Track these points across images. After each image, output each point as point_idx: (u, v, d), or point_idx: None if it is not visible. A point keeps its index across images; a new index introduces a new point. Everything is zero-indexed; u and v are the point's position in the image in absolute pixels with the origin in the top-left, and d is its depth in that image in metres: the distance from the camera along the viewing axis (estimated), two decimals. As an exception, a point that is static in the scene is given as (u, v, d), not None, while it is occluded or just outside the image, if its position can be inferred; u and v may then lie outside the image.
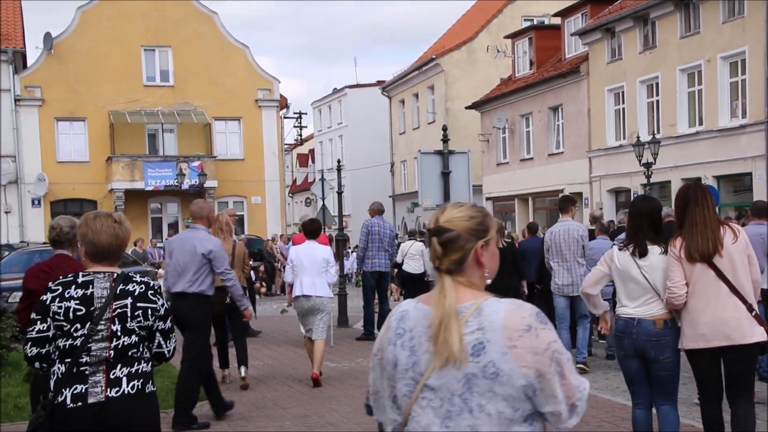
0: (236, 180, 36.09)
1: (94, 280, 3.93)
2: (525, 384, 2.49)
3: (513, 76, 36.31)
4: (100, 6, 35.24)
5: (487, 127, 36.60)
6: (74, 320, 3.82)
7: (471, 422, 2.51)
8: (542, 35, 34.68)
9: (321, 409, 8.35)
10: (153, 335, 4.04)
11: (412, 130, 44.81)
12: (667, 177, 25.11)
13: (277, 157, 37.76)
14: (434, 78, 41.62)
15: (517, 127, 34.75)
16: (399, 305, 2.77)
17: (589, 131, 29.91)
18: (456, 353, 2.48)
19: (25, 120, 33.99)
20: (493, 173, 36.58)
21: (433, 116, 41.39)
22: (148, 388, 3.94)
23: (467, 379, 2.51)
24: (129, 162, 34.51)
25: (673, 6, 25.32)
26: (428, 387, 2.55)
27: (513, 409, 2.52)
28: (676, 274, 5.58)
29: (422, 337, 2.58)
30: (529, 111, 33.93)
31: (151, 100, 35.45)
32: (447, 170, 11.27)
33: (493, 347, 2.49)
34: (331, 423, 7.68)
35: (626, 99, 28.05)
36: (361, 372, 10.55)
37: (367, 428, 7.44)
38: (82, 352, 3.81)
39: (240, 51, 36.94)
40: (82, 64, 34.51)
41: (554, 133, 32.66)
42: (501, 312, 2.53)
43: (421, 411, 2.57)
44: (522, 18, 39.42)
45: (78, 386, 3.79)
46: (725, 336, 5.53)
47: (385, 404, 2.71)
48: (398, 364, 2.61)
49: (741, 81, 23.52)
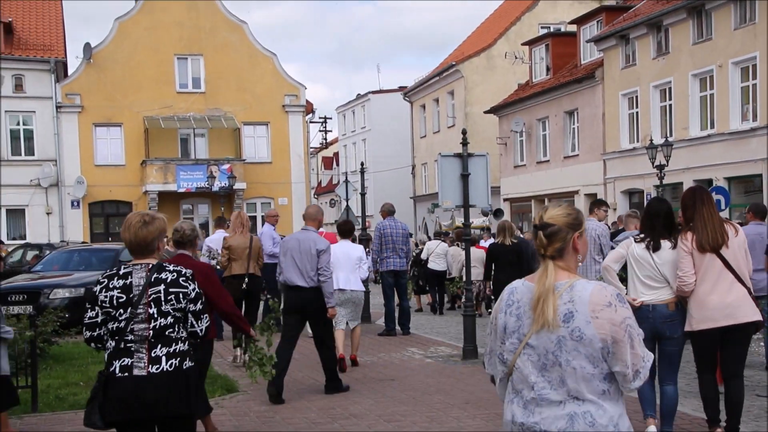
0: (264, 182, 36.28)
1: (132, 271, 4.36)
2: (602, 347, 3.07)
3: (530, 81, 36.27)
4: (136, 17, 35.62)
5: (505, 131, 36.58)
6: (117, 306, 4.28)
7: (560, 373, 3.11)
8: (558, 42, 34.62)
9: (344, 401, 8.40)
10: (187, 316, 4.42)
11: (433, 133, 44.85)
12: (680, 179, 25.00)
13: (303, 160, 37.92)
14: (454, 83, 41.63)
15: (533, 130, 34.70)
16: (511, 283, 3.41)
17: (604, 134, 29.83)
18: (549, 321, 3.09)
19: (65, 126, 34.39)
20: (510, 175, 36.55)
21: (453, 120, 41.40)
22: (185, 365, 4.34)
23: (558, 340, 3.11)
24: (162, 165, 34.77)
25: (685, 13, 25.24)
26: (529, 345, 3.17)
27: (593, 366, 3.10)
28: (686, 265, 6.18)
29: (526, 307, 3.20)
30: (545, 115, 33.88)
31: (183, 106, 35.72)
32: (466, 172, 11.25)
33: (580, 316, 3.08)
34: (354, 414, 7.73)
35: (640, 103, 27.96)
36: (383, 366, 10.64)
37: (389, 419, 7.52)
38: (127, 332, 4.27)
39: (268, 58, 37.12)
40: (119, 73, 34.88)
41: (570, 136, 32.60)
42: (588, 290, 3.13)
43: (522, 364, 3.20)
44: (539, 25, 39.32)
45: (125, 359, 4.26)
46: (731, 316, 6.14)
47: (495, 360, 3.37)
48: (507, 328, 3.26)
49: (752, 85, 23.38)
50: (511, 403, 3.27)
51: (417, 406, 8.01)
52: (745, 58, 23.34)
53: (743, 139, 23.40)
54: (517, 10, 41.62)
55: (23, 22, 35.18)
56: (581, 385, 3.10)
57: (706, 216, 6.23)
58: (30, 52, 33.97)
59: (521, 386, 3.21)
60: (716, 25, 24.34)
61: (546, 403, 3.14)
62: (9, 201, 33.01)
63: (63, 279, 15.87)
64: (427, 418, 7.49)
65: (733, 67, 23.78)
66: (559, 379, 3.11)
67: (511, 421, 3.25)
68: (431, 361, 11.01)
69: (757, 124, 22.97)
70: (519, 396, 3.22)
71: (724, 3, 23.79)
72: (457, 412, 7.67)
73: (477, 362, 10.70)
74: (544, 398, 3.13)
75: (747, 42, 23.18)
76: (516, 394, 3.24)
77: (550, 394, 3.12)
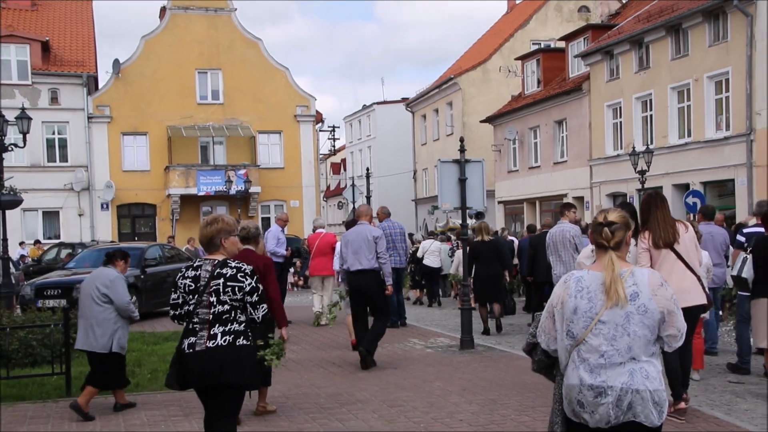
0: (277, 186, 36.31)
1: (203, 265, 4.81)
2: (659, 317, 3.65)
3: (522, 93, 36.28)
4: (160, 35, 35.70)
5: (499, 139, 36.61)
6: (188, 293, 4.75)
7: (628, 342, 3.62)
8: (548, 57, 34.61)
9: (352, 388, 8.42)
10: (245, 306, 4.78)
11: (433, 141, 44.89)
12: (659, 183, 24.98)
13: (313, 166, 37.93)
14: (452, 95, 41.67)
15: (525, 138, 34.73)
16: (572, 273, 3.86)
17: (590, 142, 29.85)
18: (622, 299, 3.62)
19: (95, 135, 34.47)
20: (504, 179, 36.57)
21: (452, 129, 41.43)
22: (239, 342, 4.70)
23: (626, 315, 3.63)
24: (184, 171, 34.80)
25: (664, 31, 25.27)
26: (601, 321, 3.65)
27: (651, 333, 3.66)
28: (644, 260, 6.66)
29: (596, 291, 3.68)
30: (536, 124, 33.90)
31: (203, 116, 35.79)
32: (464, 177, 11.25)
33: (644, 295, 3.64)
34: (360, 400, 7.76)
35: (623, 113, 27.96)
36: (387, 355, 10.65)
37: (392, 405, 7.54)
38: (194, 315, 4.73)
39: (281, 72, 37.16)
40: (145, 86, 34.97)
41: (559, 143, 32.61)
42: (645, 275, 3.72)
43: (593, 337, 3.65)
44: (530, 42, 39.33)
45: (192, 338, 4.72)
46: (684, 300, 6.25)
47: (559, 336, 3.80)
48: (578, 309, 3.69)
49: (725, 98, 23.39)
50: (577, 369, 3.68)
51: (418, 393, 8.03)
52: (719, 73, 23.35)
53: (717, 146, 23.41)
54: (511, 27, 41.68)
55: (58, 41, 35.27)
56: (641, 349, 3.65)
57: (660, 218, 6.70)
58: (64, 67, 34.04)
59: (589, 355, 3.67)
60: (692, 42, 24.36)
61: (611, 366, 3.62)
62: (45, 204, 33.14)
63: (94, 275, 15.97)
64: (428, 403, 7.51)
65: (707, 80, 23.79)
66: (626, 346, 3.63)
67: (580, 383, 3.67)
68: (431, 351, 11.03)
69: (730, 133, 23.00)
70: (586, 363, 3.67)
71: (699, 22, 23.82)
72: (456, 398, 7.70)
73: (474, 352, 10.76)
74: (612, 362, 3.62)
75: (720, 58, 23.19)
76: (583, 361, 3.68)
77: (616, 358, 3.62)
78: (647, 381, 3.59)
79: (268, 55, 37.10)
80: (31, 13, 36.79)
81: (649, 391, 3.59)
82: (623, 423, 3.61)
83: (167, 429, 6.73)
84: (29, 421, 7.18)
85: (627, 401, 3.58)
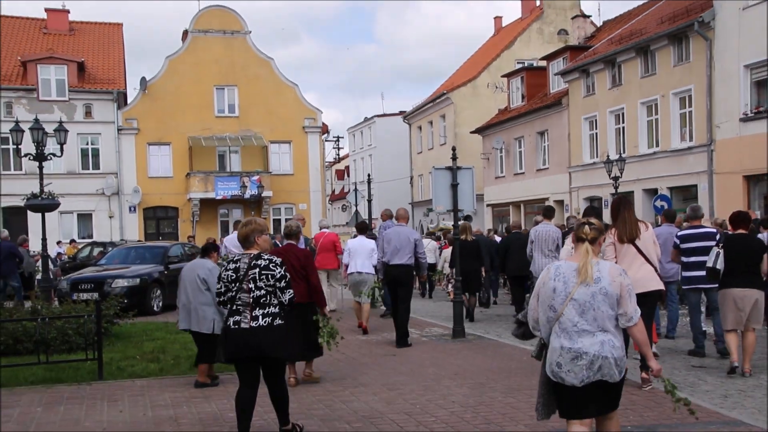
0: (287, 190, 36.30)
1: (241, 259, 5.44)
2: (616, 298, 4.26)
3: (508, 107, 36.32)
4: (183, 55, 35.76)
5: (487, 148, 36.62)
6: (231, 282, 5.38)
7: (594, 314, 4.24)
8: (531, 75, 34.65)
9: (354, 372, 8.42)
10: (276, 291, 5.37)
11: (428, 150, 44.89)
12: (631, 188, 25.01)
13: (320, 172, 37.93)
14: (445, 109, 41.68)
15: (511, 147, 34.74)
16: (553, 263, 4.52)
17: (569, 151, 29.88)
18: (589, 277, 4.25)
19: (124, 145, 34.50)
20: (492, 184, 36.58)
21: (445, 139, 41.43)
22: (275, 322, 5.36)
23: (592, 294, 4.25)
24: (203, 177, 34.82)
25: (635, 53, 25.32)
26: (573, 299, 4.27)
27: (611, 310, 4.27)
28: (609, 253, 7.06)
29: (570, 276, 4.31)
30: (521, 135, 33.91)
31: (220, 127, 35.77)
32: (455, 182, 11.24)
33: (605, 280, 4.26)
34: (363, 383, 7.77)
35: (598, 125, 28.00)
36: (386, 344, 10.69)
37: (391, 388, 7.56)
38: (237, 299, 5.35)
39: (290, 88, 37.17)
40: (169, 101, 34.98)
41: (541, 152, 32.63)
42: (608, 265, 4.38)
43: (568, 311, 4.28)
44: (515, 61, 39.34)
45: (236, 317, 5.35)
46: (643, 287, 6.84)
47: (543, 310, 4.40)
48: (556, 290, 4.32)
49: (688, 112, 23.43)
50: (559, 337, 4.30)
51: (414, 377, 8.05)
52: (683, 90, 23.39)
53: (682, 156, 23.44)
54: (498, 48, 41.71)
55: (92, 61, 35.31)
56: (606, 322, 4.25)
57: (626, 218, 7.16)
58: (97, 85, 34.10)
59: (567, 324, 4.28)
60: (659, 62, 24.40)
61: (584, 334, 4.23)
62: (79, 207, 33.18)
63: (122, 271, 15.95)
64: (423, 386, 7.53)
65: (673, 97, 23.83)
66: (593, 318, 4.24)
67: (560, 348, 4.26)
68: (426, 340, 11.03)
69: (693, 144, 23.04)
70: (564, 332, 4.28)
71: (665, 45, 23.87)
72: (448, 382, 7.71)
73: (465, 340, 10.77)
74: (584, 330, 4.23)
75: (684, 77, 23.24)
76: (562, 330, 4.29)
77: (586, 327, 4.24)
78: (613, 350, 4.21)
79: (279, 73, 37.13)
80: (69, 36, 36.90)
81: (614, 358, 4.20)
82: (593, 381, 4.18)
83: (189, 410, 6.75)
84: (65, 401, 7.21)
85: (597, 365, 4.17)
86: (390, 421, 6.14)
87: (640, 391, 6.97)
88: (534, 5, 41.65)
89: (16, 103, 32.46)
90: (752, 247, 8.15)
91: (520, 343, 10.34)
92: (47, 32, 36.60)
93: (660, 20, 25.37)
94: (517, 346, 10.03)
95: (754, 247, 8.17)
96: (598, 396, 4.23)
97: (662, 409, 6.26)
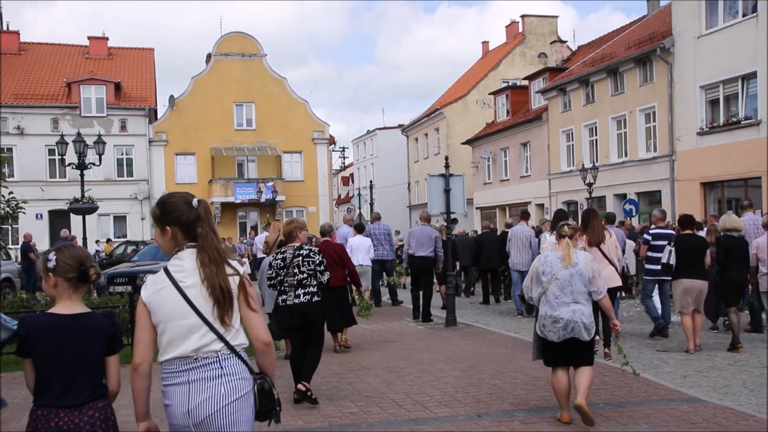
0: (298, 195, 36.26)
1: (287, 250, 6.12)
2: (589, 278, 5.15)
3: (495, 121, 36.31)
4: (207, 76, 35.77)
5: (476, 157, 36.61)
6: (279, 268, 6.07)
7: (571, 290, 5.12)
8: (515, 93, 34.66)
9: (357, 357, 8.38)
10: (315, 274, 6.06)
11: (423, 159, 44.86)
12: (603, 193, 25.07)
13: (327, 179, 37.88)
14: (439, 122, 41.67)
15: (497, 157, 34.75)
16: (544, 254, 5.42)
17: (549, 160, 29.89)
18: (571, 262, 5.15)
19: (154, 155, 34.53)
20: (481, 190, 36.57)
21: (438, 149, 41.41)
22: (314, 299, 6.06)
23: (571, 275, 5.14)
24: (224, 183, 34.81)
25: (606, 74, 25.36)
26: (557, 278, 5.15)
27: (585, 287, 5.15)
28: None
29: (555, 262, 5.22)
30: (506, 146, 33.92)
31: (239, 139, 35.77)
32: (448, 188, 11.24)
33: (581, 264, 5.17)
34: (365, 367, 7.73)
35: (574, 138, 28.01)
36: (386, 331, 10.64)
37: (390, 371, 7.54)
38: (285, 282, 6.03)
39: (301, 104, 37.16)
40: (194, 116, 34.99)
41: (524, 161, 32.63)
42: (583, 255, 5.30)
43: (552, 287, 5.16)
44: (501, 80, 39.33)
45: (283, 296, 6.08)
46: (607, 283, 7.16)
47: (535, 287, 5.29)
48: (544, 272, 5.22)
49: (653, 126, 23.45)
50: (544, 306, 5.17)
51: (411, 361, 8.04)
52: (647, 107, 23.43)
53: (647, 165, 23.47)
54: (485, 68, 41.69)
55: (128, 82, 35.38)
56: (580, 296, 5.11)
57: (594, 226, 7.75)
58: (131, 102, 34.14)
59: (551, 297, 5.13)
60: (627, 83, 24.44)
61: (563, 304, 5.09)
62: (115, 210, 33.24)
63: (153, 266, 15.80)
64: (419, 369, 7.53)
65: (639, 113, 23.87)
66: (570, 293, 5.10)
67: (545, 315, 5.14)
68: (422, 328, 11.01)
69: (657, 155, 23.07)
70: (549, 303, 5.15)
71: (633, 67, 23.92)
72: (442, 365, 7.71)
73: (456, 329, 10.75)
74: (562, 302, 5.08)
75: (648, 95, 23.28)
76: (547, 301, 5.16)
77: (565, 299, 5.10)
78: (583, 317, 5.07)
79: (291, 91, 37.12)
80: (108, 60, 37.07)
81: (583, 323, 5.06)
82: (568, 339, 5.08)
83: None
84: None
85: (570, 327, 5.05)
86: (390, 400, 6.15)
87: (611, 373, 7.02)
88: (517, 31, 41.66)
89: (62, 119, 32.66)
90: (697, 244, 8.54)
91: (504, 331, 10.41)
92: (89, 57, 36.90)
93: (627, 45, 25.44)
94: (502, 334, 10.06)
95: (698, 244, 8.57)
96: (571, 350, 5.12)
97: (630, 389, 6.31)
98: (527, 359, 7.26)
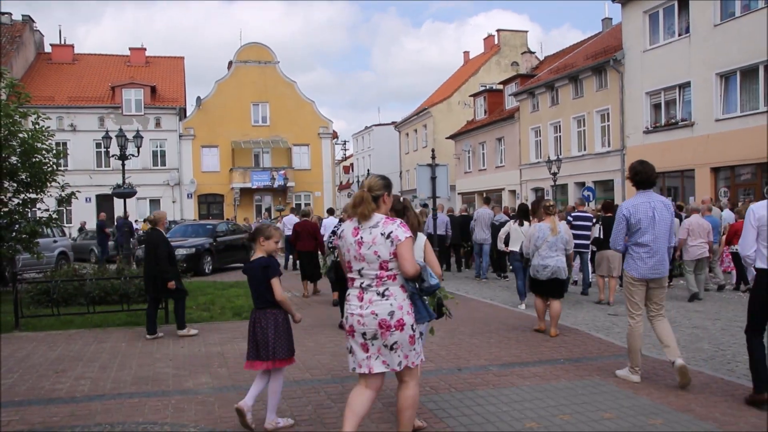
0: (306, 182, 36.21)
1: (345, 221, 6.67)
2: (566, 240, 6.78)
3: (474, 119, 36.18)
4: (228, 80, 35.51)
5: (458, 150, 36.50)
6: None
7: (555, 248, 6.70)
8: (492, 95, 34.48)
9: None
10: None
11: (413, 151, 44.73)
12: (565, 181, 25.07)
13: (330, 168, 37.82)
14: (427, 120, 41.51)
15: (476, 150, 34.65)
16: (538, 224, 6.78)
17: (520, 153, 29.83)
18: (558, 231, 6.68)
19: (184, 147, 34.33)
20: (462, 178, 36.52)
21: (426, 143, 41.30)
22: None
23: (556, 239, 6.68)
24: (243, 171, 34.66)
25: (568, 80, 25.26)
26: (547, 242, 6.66)
27: (563, 245, 6.75)
28: None
29: (546, 230, 6.70)
30: (484, 140, 33.81)
31: (256, 134, 35.60)
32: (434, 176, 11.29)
33: (563, 231, 6.74)
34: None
35: (542, 134, 27.94)
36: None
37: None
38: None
39: (309, 104, 36.95)
40: (217, 114, 34.79)
41: (499, 153, 32.56)
42: (563, 224, 6.82)
43: (544, 246, 6.66)
44: (480, 84, 39.16)
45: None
46: None
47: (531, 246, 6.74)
48: (538, 237, 6.67)
49: (607, 125, 23.41)
50: (537, 258, 6.66)
51: (402, 322, 8.03)
52: (603, 109, 23.37)
53: (602, 158, 23.47)
54: (466, 74, 41.46)
55: (162, 85, 35.21)
56: (559, 251, 6.72)
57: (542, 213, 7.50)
58: (165, 102, 33.94)
59: (543, 253, 6.69)
60: (586, 88, 24.35)
61: (549, 257, 6.67)
62: (151, 194, 33.17)
63: (182, 242, 15.80)
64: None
65: (596, 113, 23.81)
66: (555, 249, 6.69)
67: (537, 263, 6.67)
68: (411, 294, 11.00)
69: (610, 149, 23.06)
70: (540, 256, 6.69)
71: (590, 75, 23.85)
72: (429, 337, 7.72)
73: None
74: (549, 255, 6.66)
75: (604, 99, 23.23)
76: (539, 255, 6.69)
77: (552, 254, 6.67)
78: (561, 263, 6.74)
79: (300, 93, 36.88)
80: (145, 67, 36.98)
81: (562, 268, 6.75)
82: (552, 278, 6.69)
83: (232, 347, 6.79)
84: (142, 339, 7.26)
85: (553, 270, 6.69)
86: (384, 355, 6.16)
87: (570, 334, 7.08)
88: (493, 43, 41.39)
89: (106, 117, 32.69)
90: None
91: (482, 298, 10.44)
92: (130, 65, 36.90)
93: (586, 57, 25.33)
94: (481, 301, 10.10)
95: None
96: (552, 286, 6.81)
97: (586, 347, 6.36)
98: (501, 322, 7.29)
